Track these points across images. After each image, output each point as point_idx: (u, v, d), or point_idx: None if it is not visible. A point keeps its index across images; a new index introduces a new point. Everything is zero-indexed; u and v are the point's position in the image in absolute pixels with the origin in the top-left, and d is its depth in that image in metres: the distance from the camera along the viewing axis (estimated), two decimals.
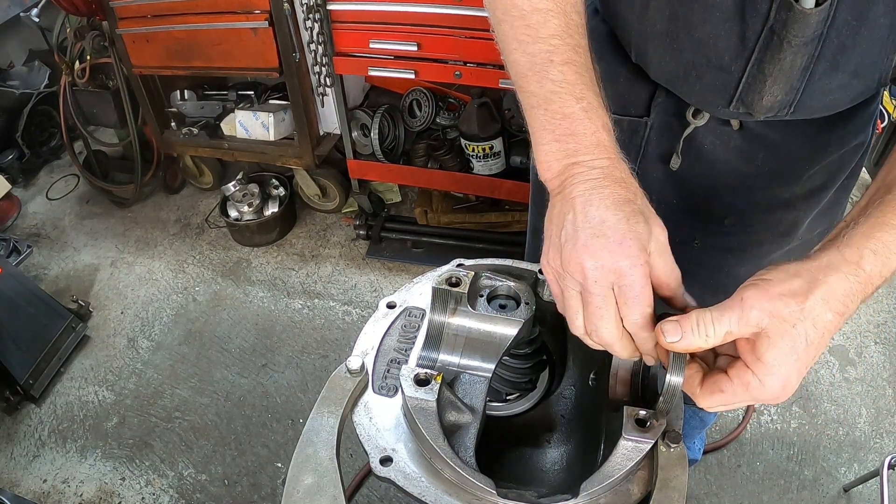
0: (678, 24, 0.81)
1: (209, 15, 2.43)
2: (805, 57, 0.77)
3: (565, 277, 0.67)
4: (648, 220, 0.66)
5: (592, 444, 0.80)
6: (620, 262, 0.63)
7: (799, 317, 0.59)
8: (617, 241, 0.64)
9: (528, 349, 0.89)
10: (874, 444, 2.21)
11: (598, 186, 0.67)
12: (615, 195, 0.66)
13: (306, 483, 0.68)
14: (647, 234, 0.65)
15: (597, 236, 0.64)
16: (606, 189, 0.67)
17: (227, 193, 2.93)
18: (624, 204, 0.66)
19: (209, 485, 2.17)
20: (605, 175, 0.68)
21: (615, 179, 0.68)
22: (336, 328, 2.66)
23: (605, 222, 0.65)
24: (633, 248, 0.63)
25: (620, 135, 1.00)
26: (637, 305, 0.64)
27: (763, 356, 0.60)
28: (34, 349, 2.43)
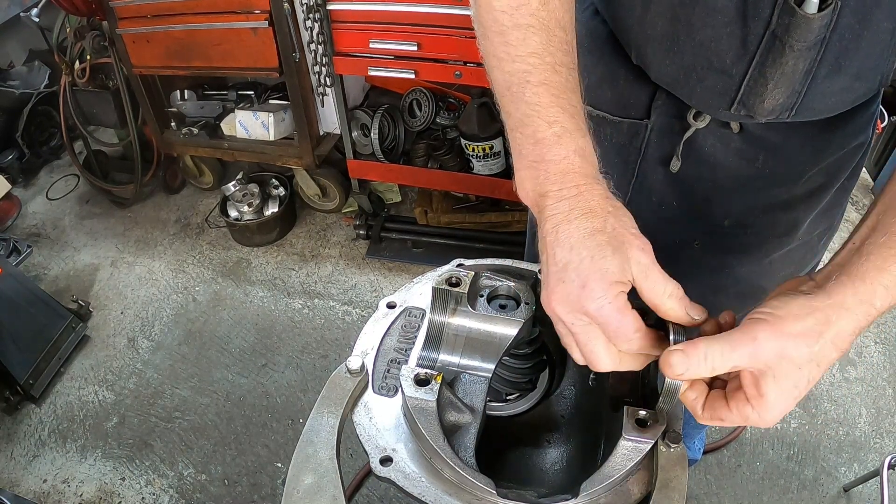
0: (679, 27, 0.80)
1: (209, 15, 2.43)
2: (807, 61, 0.76)
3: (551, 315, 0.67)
4: (622, 247, 0.64)
5: (592, 444, 0.80)
6: (586, 306, 0.62)
7: (807, 359, 0.59)
8: (579, 286, 0.63)
9: (528, 349, 0.89)
10: (874, 444, 2.21)
11: (565, 222, 0.65)
12: (581, 229, 0.64)
13: (306, 483, 0.68)
14: (616, 266, 0.63)
15: (561, 281, 0.64)
16: (573, 224, 0.65)
17: (227, 193, 2.93)
18: (589, 238, 0.64)
19: (209, 485, 2.17)
20: (571, 208, 0.66)
21: (583, 211, 0.65)
22: (336, 328, 2.66)
23: (569, 265, 0.64)
24: (595, 290, 0.62)
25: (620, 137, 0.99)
26: (620, 340, 0.64)
27: (766, 394, 0.60)
28: (34, 349, 2.43)
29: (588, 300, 0.62)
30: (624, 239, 0.64)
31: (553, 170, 0.67)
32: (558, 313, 0.65)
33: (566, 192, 0.66)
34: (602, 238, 0.64)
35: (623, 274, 0.63)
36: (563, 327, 0.66)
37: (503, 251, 2.74)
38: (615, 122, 0.99)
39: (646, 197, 1.04)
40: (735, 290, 1.11)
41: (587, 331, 0.64)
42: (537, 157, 0.68)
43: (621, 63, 0.94)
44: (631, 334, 0.63)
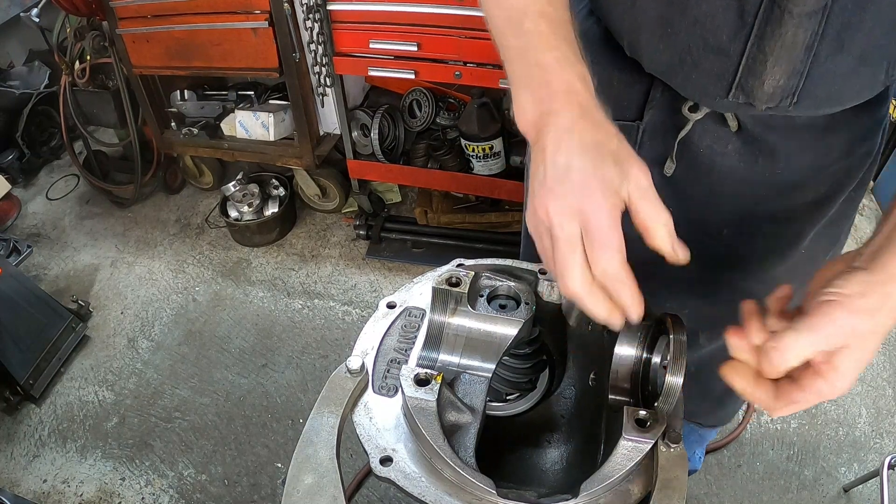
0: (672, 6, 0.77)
1: (209, 15, 2.43)
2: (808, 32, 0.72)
3: (538, 225, 0.67)
4: (624, 162, 0.65)
5: (592, 444, 0.80)
6: (583, 205, 0.62)
7: (872, 331, 0.62)
8: (580, 185, 0.63)
9: (528, 349, 0.89)
10: (874, 444, 2.21)
11: (568, 132, 0.66)
12: (584, 140, 0.66)
13: (306, 483, 0.68)
14: (617, 177, 0.64)
15: (562, 182, 0.64)
16: (576, 135, 0.66)
17: (227, 193, 2.92)
18: (593, 148, 0.65)
19: (209, 485, 2.17)
20: (575, 121, 0.67)
21: (587, 124, 0.67)
22: (336, 328, 2.66)
23: (571, 168, 0.64)
24: (596, 192, 0.63)
25: None
26: (604, 251, 0.62)
27: (840, 366, 0.62)
28: (34, 349, 2.43)
29: (587, 202, 0.62)
30: (626, 157, 0.65)
31: (557, 90, 0.69)
32: (551, 214, 0.64)
33: (569, 108, 0.68)
34: (605, 150, 0.65)
35: (621, 187, 0.64)
36: (547, 234, 0.65)
37: (503, 251, 2.74)
38: None
39: None
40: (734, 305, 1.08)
41: (571, 240, 0.63)
42: (540, 80, 0.70)
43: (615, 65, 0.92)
44: (614, 250, 0.62)
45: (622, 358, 0.78)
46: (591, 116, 0.68)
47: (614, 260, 0.62)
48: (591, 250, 0.63)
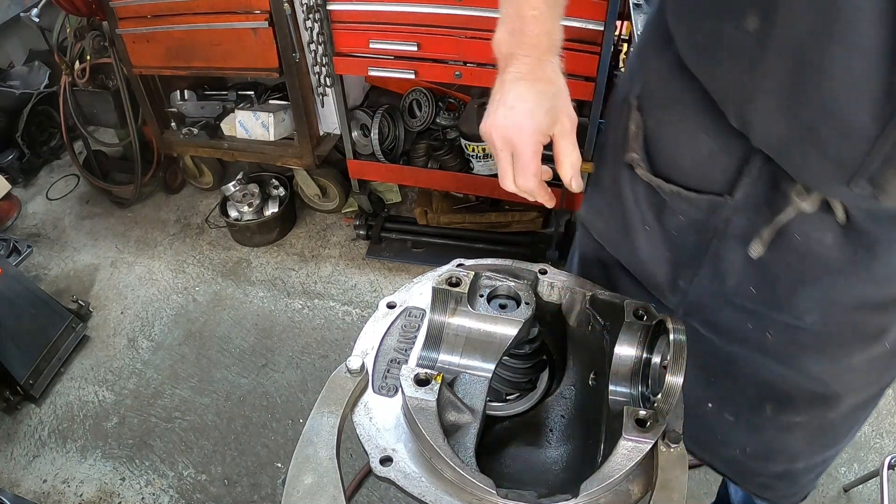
0: (804, 76, 0.62)
1: (209, 15, 2.43)
2: None
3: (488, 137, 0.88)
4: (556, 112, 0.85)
5: (592, 444, 0.80)
6: (514, 138, 0.85)
7: None
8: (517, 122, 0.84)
9: (528, 349, 0.89)
10: (874, 444, 2.21)
11: (523, 77, 0.85)
12: (533, 88, 0.84)
13: (306, 483, 0.68)
14: (546, 123, 0.85)
15: (506, 116, 0.85)
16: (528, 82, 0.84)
17: (227, 193, 2.93)
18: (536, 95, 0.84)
19: (209, 485, 2.17)
20: (531, 69, 0.84)
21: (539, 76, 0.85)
22: (336, 328, 2.66)
23: (515, 108, 0.84)
24: (528, 128, 0.84)
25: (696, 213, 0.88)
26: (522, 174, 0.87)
27: None
28: (34, 349, 2.43)
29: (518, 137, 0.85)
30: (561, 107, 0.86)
31: (526, 41, 0.84)
32: (493, 137, 0.86)
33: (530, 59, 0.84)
34: (545, 99, 0.85)
35: (549, 129, 0.86)
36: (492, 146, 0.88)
37: (503, 251, 2.74)
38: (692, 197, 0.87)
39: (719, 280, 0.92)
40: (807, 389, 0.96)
41: (505, 157, 0.88)
42: (517, 28, 0.84)
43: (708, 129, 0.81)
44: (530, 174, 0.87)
45: (622, 358, 0.78)
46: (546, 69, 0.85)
47: (529, 181, 0.88)
48: (516, 171, 0.88)
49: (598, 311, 0.86)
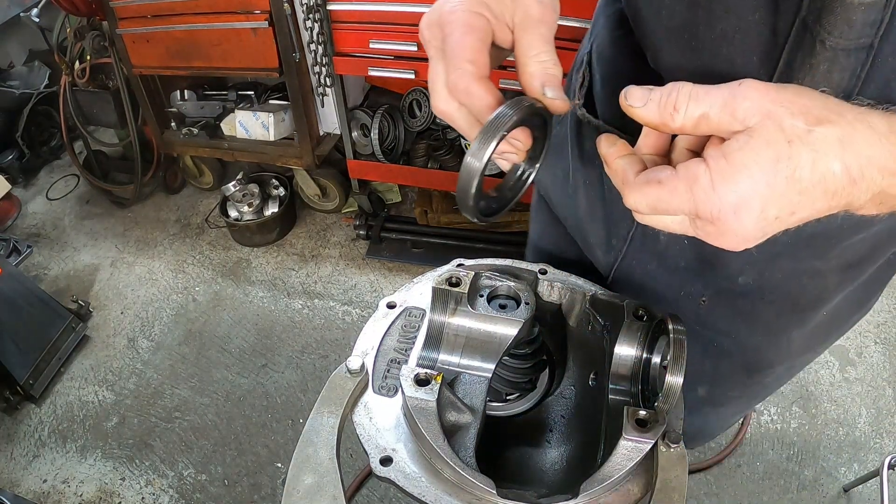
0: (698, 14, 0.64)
1: (209, 15, 2.43)
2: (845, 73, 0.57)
3: None
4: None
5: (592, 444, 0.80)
6: (445, 7, 0.59)
7: (801, 137, 0.46)
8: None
9: (528, 349, 0.89)
10: (874, 444, 2.21)
11: None
12: None
13: (306, 483, 0.68)
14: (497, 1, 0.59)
15: None
16: None
17: (227, 193, 2.93)
18: None
19: (209, 485, 2.17)
20: None
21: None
22: (336, 328, 2.66)
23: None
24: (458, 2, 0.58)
25: None
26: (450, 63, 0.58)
27: (731, 153, 0.48)
28: (34, 349, 2.43)
29: (446, 11, 0.59)
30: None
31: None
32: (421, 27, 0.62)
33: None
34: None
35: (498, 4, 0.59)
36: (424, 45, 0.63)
37: (503, 251, 2.74)
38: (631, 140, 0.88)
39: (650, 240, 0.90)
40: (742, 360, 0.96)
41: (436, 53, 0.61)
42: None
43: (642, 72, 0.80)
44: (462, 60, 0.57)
45: (622, 358, 0.78)
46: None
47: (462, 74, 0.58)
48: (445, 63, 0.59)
49: (598, 311, 0.86)
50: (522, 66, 0.58)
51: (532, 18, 0.59)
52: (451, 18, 0.58)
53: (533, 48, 0.58)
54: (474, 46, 0.58)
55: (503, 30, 0.60)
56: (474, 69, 0.58)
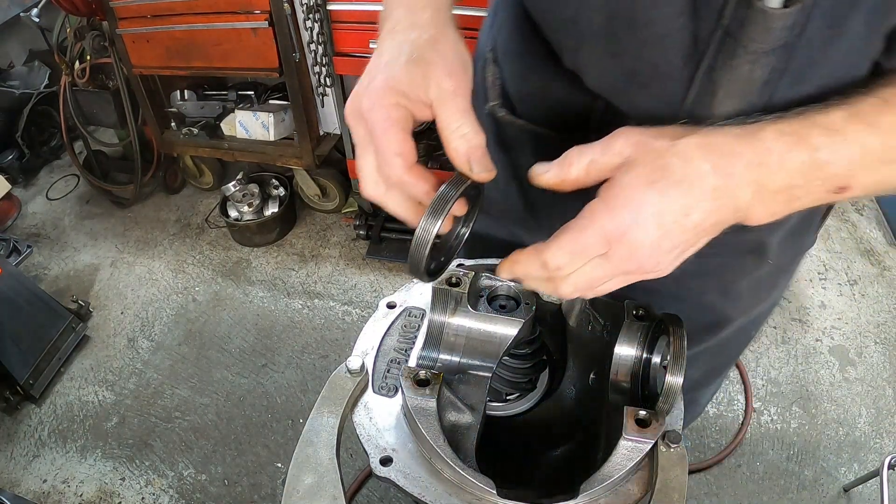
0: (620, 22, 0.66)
1: (209, 15, 2.43)
2: (766, 69, 0.62)
3: None
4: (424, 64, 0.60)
5: (592, 444, 0.80)
6: (362, 104, 0.61)
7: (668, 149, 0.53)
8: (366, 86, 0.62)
9: (528, 349, 0.89)
10: (874, 444, 2.21)
11: (384, 39, 0.66)
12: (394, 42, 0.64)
13: (306, 483, 0.68)
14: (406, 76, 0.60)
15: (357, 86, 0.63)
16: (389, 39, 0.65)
17: (227, 193, 2.93)
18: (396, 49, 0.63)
19: (209, 485, 2.17)
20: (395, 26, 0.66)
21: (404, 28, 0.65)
22: (336, 328, 2.66)
23: (372, 70, 0.63)
24: (376, 90, 0.60)
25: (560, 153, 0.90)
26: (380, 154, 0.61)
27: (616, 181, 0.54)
28: (34, 349, 2.43)
29: (366, 98, 0.61)
30: (430, 58, 0.61)
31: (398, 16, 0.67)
32: (346, 117, 0.64)
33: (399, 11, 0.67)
34: (407, 50, 0.62)
35: (412, 89, 0.60)
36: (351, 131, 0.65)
37: None
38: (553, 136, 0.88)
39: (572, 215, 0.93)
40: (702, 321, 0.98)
41: (362, 143, 0.63)
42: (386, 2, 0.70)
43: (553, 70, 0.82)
44: (390, 154, 0.60)
45: (622, 358, 0.78)
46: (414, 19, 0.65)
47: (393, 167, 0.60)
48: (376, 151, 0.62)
49: (598, 311, 0.86)
50: (446, 140, 0.60)
51: (446, 92, 0.60)
52: (371, 115, 0.60)
53: (453, 122, 0.60)
54: (398, 138, 0.60)
55: (421, 109, 0.61)
56: (403, 161, 0.60)
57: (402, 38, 0.63)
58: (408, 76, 0.60)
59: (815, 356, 2.54)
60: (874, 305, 2.76)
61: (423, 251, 0.60)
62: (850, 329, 2.65)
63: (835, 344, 2.59)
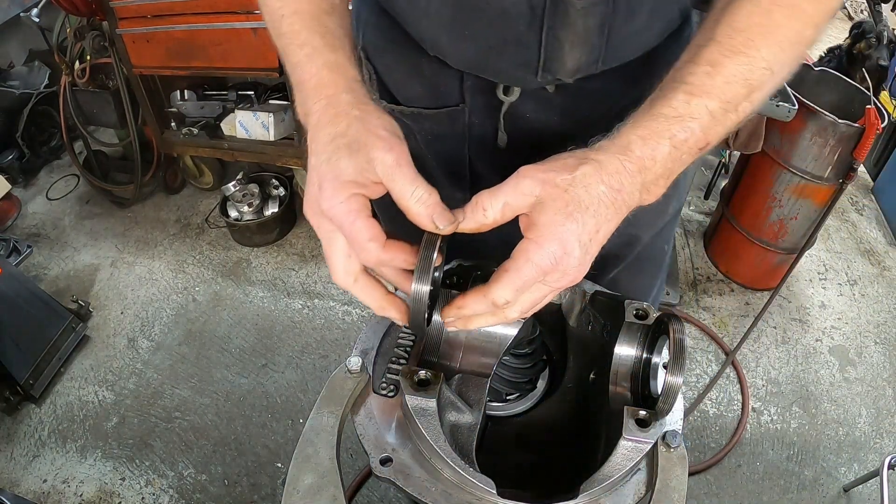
0: (465, 10, 0.77)
1: (209, 15, 2.43)
2: (597, 17, 0.74)
3: None
4: (363, 149, 0.64)
5: (592, 444, 0.80)
6: (322, 206, 0.64)
7: (570, 182, 0.61)
8: (317, 188, 0.64)
9: (528, 349, 0.89)
10: (874, 444, 2.21)
11: (315, 131, 0.68)
12: (326, 136, 0.66)
13: (306, 483, 0.68)
14: (352, 168, 0.63)
15: (309, 185, 0.67)
16: (321, 132, 0.67)
17: (227, 193, 2.93)
18: (330, 143, 0.65)
19: (209, 485, 2.17)
20: (320, 118, 0.68)
21: (330, 118, 0.67)
22: (336, 328, 2.66)
23: (312, 169, 0.66)
24: (327, 190, 0.64)
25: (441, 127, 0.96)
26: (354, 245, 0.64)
27: (537, 220, 0.61)
28: (34, 349, 2.43)
29: (322, 200, 0.64)
30: (366, 141, 0.64)
31: (308, 88, 0.70)
32: (308, 217, 0.67)
33: (319, 104, 0.69)
34: (341, 142, 0.65)
35: (361, 175, 0.63)
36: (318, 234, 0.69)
37: None
38: (431, 114, 0.96)
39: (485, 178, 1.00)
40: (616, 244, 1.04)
41: (330, 237, 0.66)
42: (297, 80, 0.72)
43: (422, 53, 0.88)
44: (364, 241, 0.63)
45: (622, 358, 0.78)
46: (336, 107, 0.68)
47: (369, 253, 0.64)
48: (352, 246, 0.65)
49: (598, 311, 0.86)
50: (406, 209, 0.64)
51: (390, 167, 0.63)
52: (333, 213, 0.64)
53: (406, 191, 0.63)
54: (366, 225, 0.63)
55: (374, 189, 0.65)
56: (377, 244, 0.64)
57: (332, 132, 0.66)
58: (353, 166, 0.63)
59: (815, 356, 2.54)
60: (874, 305, 2.76)
61: (423, 312, 0.65)
62: (850, 329, 2.65)
63: (835, 344, 2.59)
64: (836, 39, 2.89)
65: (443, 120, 0.96)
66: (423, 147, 1.01)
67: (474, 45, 0.80)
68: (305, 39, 0.72)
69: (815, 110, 2.19)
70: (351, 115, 0.67)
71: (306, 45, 0.71)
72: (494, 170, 0.98)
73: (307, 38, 0.72)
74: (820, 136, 2.24)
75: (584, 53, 0.79)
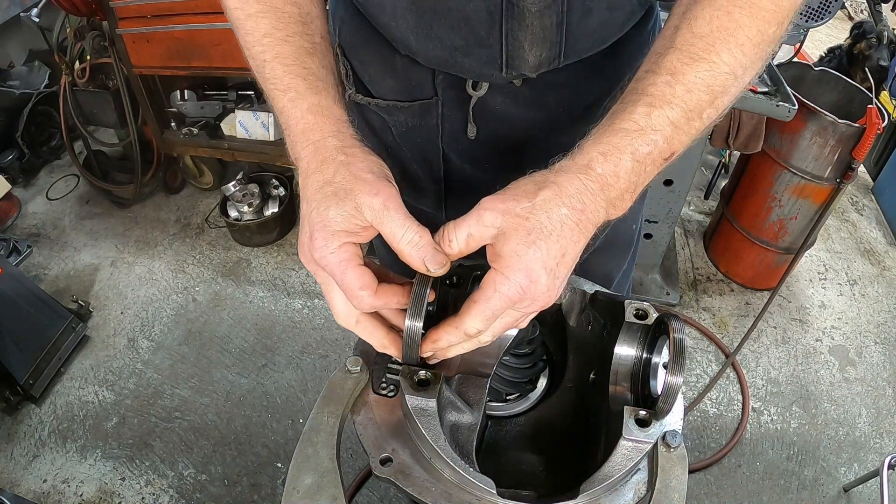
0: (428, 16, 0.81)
1: (209, 15, 2.43)
2: (552, 17, 0.78)
3: None
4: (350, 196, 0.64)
5: (592, 444, 0.80)
6: (314, 256, 0.65)
7: (531, 210, 0.60)
8: (308, 237, 0.65)
9: (528, 349, 0.89)
10: (874, 444, 2.21)
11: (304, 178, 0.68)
12: (314, 183, 0.66)
13: (306, 483, 0.68)
14: (340, 216, 0.64)
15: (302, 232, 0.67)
16: (309, 179, 0.67)
17: (227, 193, 2.93)
18: (318, 191, 0.66)
19: (209, 485, 2.17)
20: (308, 164, 0.68)
21: (318, 165, 0.67)
22: (336, 328, 2.66)
23: (303, 218, 0.67)
24: (318, 240, 0.64)
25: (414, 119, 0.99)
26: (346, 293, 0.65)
27: (502, 250, 0.61)
28: (34, 349, 2.43)
29: (314, 250, 0.64)
30: (352, 187, 0.64)
31: (295, 133, 0.71)
32: (303, 263, 0.68)
33: (306, 150, 0.69)
34: (328, 190, 0.65)
35: (349, 223, 0.64)
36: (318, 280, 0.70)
37: None
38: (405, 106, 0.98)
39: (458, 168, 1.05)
40: None
41: (327, 281, 0.68)
42: (284, 124, 0.72)
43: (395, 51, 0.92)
44: (356, 290, 0.64)
45: (622, 358, 0.78)
46: (322, 153, 0.68)
47: (362, 300, 0.65)
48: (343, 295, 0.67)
49: (598, 311, 0.86)
50: (399, 252, 0.64)
51: (379, 211, 0.64)
52: (324, 262, 0.64)
53: (397, 233, 0.63)
54: (356, 274, 0.64)
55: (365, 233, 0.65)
56: (368, 291, 0.65)
57: (320, 179, 0.66)
58: (341, 215, 0.64)
59: (815, 356, 2.54)
60: (874, 305, 2.76)
61: (416, 348, 0.67)
62: (850, 329, 2.65)
63: (835, 344, 2.59)
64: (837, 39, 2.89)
65: (417, 112, 0.99)
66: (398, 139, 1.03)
67: (440, 45, 0.84)
68: (289, 84, 0.72)
69: (815, 110, 2.19)
70: (337, 161, 0.67)
71: (290, 89, 0.72)
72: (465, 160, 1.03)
73: (290, 82, 0.72)
74: (820, 136, 2.24)
75: (544, 50, 0.82)
